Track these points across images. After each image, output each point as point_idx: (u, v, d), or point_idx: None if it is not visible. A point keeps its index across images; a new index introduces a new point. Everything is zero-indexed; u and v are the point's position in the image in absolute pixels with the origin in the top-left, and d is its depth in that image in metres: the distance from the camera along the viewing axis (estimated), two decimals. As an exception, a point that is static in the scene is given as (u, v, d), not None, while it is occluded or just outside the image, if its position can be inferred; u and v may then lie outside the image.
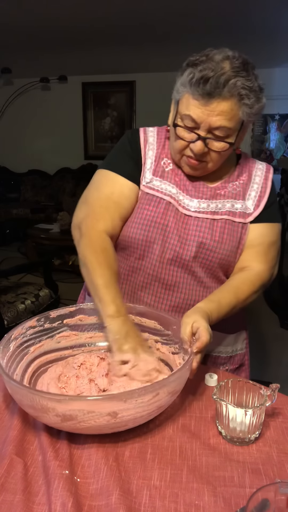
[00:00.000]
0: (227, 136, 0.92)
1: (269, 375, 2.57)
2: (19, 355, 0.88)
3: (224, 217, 1.00)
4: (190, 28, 3.92)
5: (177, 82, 0.93)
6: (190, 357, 0.78)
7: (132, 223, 1.01)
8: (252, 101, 0.88)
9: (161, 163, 1.03)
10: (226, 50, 0.89)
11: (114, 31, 3.96)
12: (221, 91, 0.85)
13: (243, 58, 0.89)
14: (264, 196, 1.04)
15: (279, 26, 3.79)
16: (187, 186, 1.02)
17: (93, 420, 0.68)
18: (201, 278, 1.02)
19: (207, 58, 0.88)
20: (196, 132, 0.91)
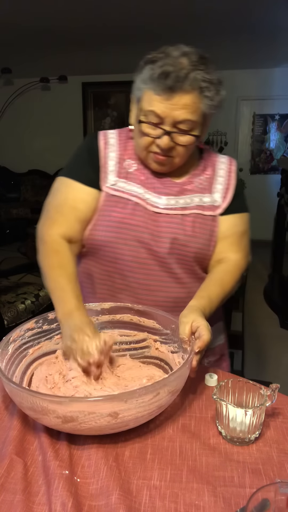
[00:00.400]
0: (192, 129, 0.93)
1: (269, 375, 2.58)
2: (18, 357, 0.88)
3: (194, 212, 1.02)
4: (190, 28, 3.91)
5: (136, 80, 0.94)
6: (190, 356, 0.78)
7: (100, 226, 1.01)
8: (213, 93, 0.91)
9: (124, 164, 1.04)
10: (182, 46, 0.91)
11: (114, 31, 3.96)
12: (182, 85, 0.87)
13: (199, 53, 0.91)
14: (230, 188, 1.07)
15: (279, 26, 3.79)
16: (154, 184, 1.02)
17: (94, 421, 0.68)
18: (178, 275, 1.03)
19: (165, 54, 0.89)
20: (161, 127, 0.92)
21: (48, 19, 3.66)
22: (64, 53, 4.75)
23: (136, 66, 0.94)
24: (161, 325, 0.97)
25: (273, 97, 5.55)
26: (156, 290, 1.04)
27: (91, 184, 1.02)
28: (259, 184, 5.86)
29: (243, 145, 5.85)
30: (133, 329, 1.00)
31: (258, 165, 5.85)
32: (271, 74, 5.44)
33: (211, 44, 4.46)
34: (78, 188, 1.01)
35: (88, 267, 1.08)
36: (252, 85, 5.50)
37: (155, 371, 0.91)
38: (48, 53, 4.74)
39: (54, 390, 0.83)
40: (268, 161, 5.80)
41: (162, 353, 0.95)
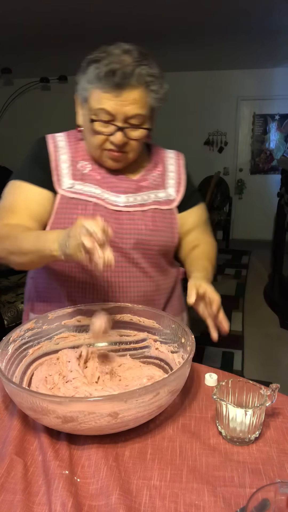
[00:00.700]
0: (143, 123, 0.96)
1: (269, 375, 2.58)
2: (17, 358, 0.88)
3: (152, 207, 1.06)
4: (190, 28, 3.92)
5: (80, 81, 0.96)
6: (189, 356, 0.78)
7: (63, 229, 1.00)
8: (158, 87, 0.94)
9: (78, 166, 1.04)
10: (122, 44, 0.93)
11: (114, 31, 3.96)
12: (129, 81, 0.89)
13: (139, 49, 0.93)
14: (182, 182, 1.12)
15: (279, 26, 3.79)
16: (110, 183, 1.04)
17: (94, 421, 0.68)
18: (145, 269, 1.06)
19: (107, 53, 0.91)
20: (114, 123, 0.94)
21: (48, 19, 3.66)
22: (64, 53, 4.75)
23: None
24: (161, 325, 0.97)
25: (273, 97, 5.55)
26: (126, 286, 1.06)
27: (42, 184, 1.01)
28: (259, 184, 5.87)
29: (243, 145, 5.85)
30: (133, 329, 1.00)
31: (258, 165, 5.85)
32: (271, 74, 5.44)
33: (211, 44, 4.47)
34: (29, 188, 1.01)
35: (55, 274, 1.06)
36: (252, 85, 5.51)
37: (155, 371, 0.91)
38: (48, 53, 4.74)
39: (54, 390, 0.83)
40: (268, 161, 5.80)
41: (162, 353, 0.95)
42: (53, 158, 1.03)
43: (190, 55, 4.82)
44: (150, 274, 1.08)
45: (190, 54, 4.79)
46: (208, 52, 4.71)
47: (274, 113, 5.63)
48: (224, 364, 2.71)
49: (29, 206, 1.00)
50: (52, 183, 1.02)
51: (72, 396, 0.80)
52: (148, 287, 1.08)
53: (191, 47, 4.49)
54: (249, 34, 4.07)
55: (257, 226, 5.88)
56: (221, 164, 5.86)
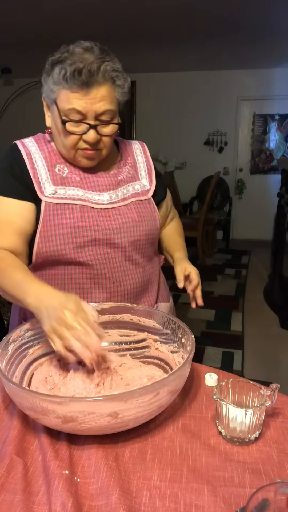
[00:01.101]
0: (113, 118, 0.97)
1: (269, 375, 2.58)
2: (17, 358, 0.88)
3: (133, 199, 1.09)
4: (190, 29, 3.92)
5: (46, 83, 0.96)
6: (189, 356, 0.78)
7: (53, 236, 0.99)
8: (122, 81, 0.96)
9: (56, 170, 1.03)
10: (82, 42, 0.94)
11: (114, 31, 3.96)
12: (96, 78, 0.90)
13: (99, 46, 0.94)
14: (152, 172, 1.17)
15: (279, 26, 3.79)
16: (91, 183, 1.04)
17: (94, 421, 0.68)
18: (137, 260, 1.10)
19: (69, 53, 0.91)
20: (85, 122, 0.94)
21: (48, 19, 3.66)
22: (64, 53, 4.75)
23: (136, 66, 0.95)
24: (161, 325, 0.97)
25: (273, 97, 5.55)
26: (122, 280, 1.07)
27: (21, 197, 1.00)
28: (259, 184, 5.87)
29: (243, 145, 5.85)
30: (133, 329, 1.00)
31: (258, 165, 5.86)
32: (271, 74, 5.44)
33: (211, 44, 4.48)
34: (10, 203, 0.99)
35: (52, 278, 1.06)
36: (252, 85, 5.51)
37: (155, 371, 0.91)
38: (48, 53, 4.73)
39: (54, 390, 0.83)
40: (268, 161, 5.80)
41: (162, 353, 0.95)
42: (29, 166, 1.01)
43: (190, 55, 4.82)
44: (141, 265, 1.11)
45: (190, 54, 4.79)
46: (208, 52, 4.71)
47: (274, 113, 5.63)
48: (224, 364, 2.71)
49: (11, 221, 0.99)
50: (34, 192, 1.00)
51: (72, 396, 0.80)
52: (141, 278, 1.11)
53: (191, 47, 4.49)
54: (249, 34, 4.07)
55: (257, 226, 5.88)
56: (221, 164, 5.86)
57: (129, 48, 4.51)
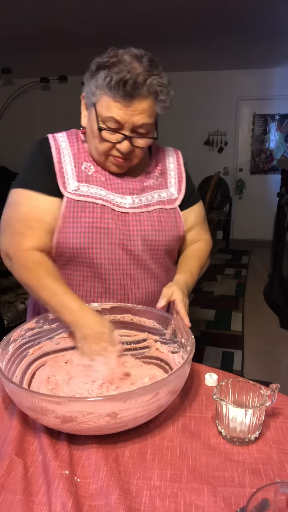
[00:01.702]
0: (149, 131, 0.96)
1: (269, 375, 2.58)
2: (18, 357, 0.88)
3: (157, 207, 1.07)
4: (190, 28, 3.91)
5: (89, 84, 0.94)
6: (189, 356, 0.78)
7: (71, 233, 0.99)
8: (165, 96, 0.94)
9: (82, 168, 1.03)
10: (132, 49, 0.92)
11: (114, 31, 3.96)
12: (140, 91, 0.89)
13: (149, 56, 0.93)
14: (182, 180, 1.14)
15: (279, 26, 3.79)
16: (115, 184, 1.04)
17: (93, 421, 0.68)
18: (152, 270, 1.07)
19: (117, 59, 0.90)
20: (121, 132, 0.93)
21: (48, 19, 3.66)
22: (64, 53, 4.75)
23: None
24: (161, 325, 0.97)
25: (273, 97, 5.55)
26: (133, 288, 1.06)
27: (51, 193, 1.00)
28: (259, 184, 5.87)
29: (243, 145, 5.85)
30: (134, 329, 1.00)
31: (258, 165, 5.85)
32: (271, 74, 5.44)
33: (211, 44, 4.47)
34: (41, 199, 0.99)
35: (65, 275, 1.05)
36: (252, 85, 5.50)
37: (156, 371, 0.91)
38: (48, 53, 4.74)
39: (56, 390, 0.83)
40: (268, 161, 5.80)
41: (162, 353, 0.95)
42: (56, 160, 1.01)
43: (190, 55, 4.82)
44: (156, 274, 1.08)
45: (190, 54, 4.78)
46: (208, 52, 4.70)
47: (274, 113, 5.63)
48: (224, 364, 2.71)
49: (44, 219, 0.99)
50: (58, 187, 1.00)
51: (72, 396, 0.80)
52: (153, 287, 1.08)
53: (191, 47, 4.49)
54: (249, 34, 4.06)
55: (257, 226, 5.88)
56: (221, 164, 5.86)
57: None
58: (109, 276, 1.03)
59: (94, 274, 1.03)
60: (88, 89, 0.94)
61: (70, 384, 0.85)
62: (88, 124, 0.99)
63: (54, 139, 1.05)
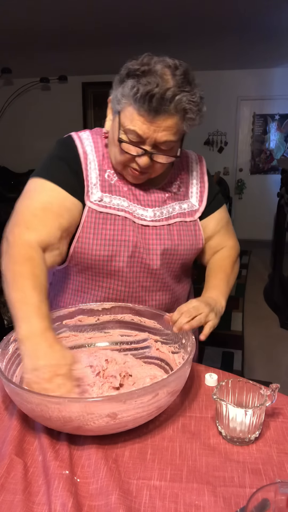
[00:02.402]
0: (172, 149, 0.92)
1: (269, 375, 2.58)
2: (18, 357, 0.87)
3: (177, 220, 1.04)
4: (190, 28, 3.91)
5: (115, 90, 0.90)
6: (189, 356, 0.78)
7: (92, 245, 0.96)
8: (195, 114, 0.88)
9: (105, 176, 0.99)
10: (167, 58, 0.87)
11: (114, 31, 3.96)
12: (167, 108, 0.84)
13: (184, 68, 0.87)
14: (205, 190, 1.10)
15: (279, 26, 3.79)
16: (138, 196, 1.01)
17: (92, 422, 0.68)
18: (167, 283, 1.05)
19: (149, 68, 0.84)
20: (142, 147, 0.89)
21: (48, 19, 3.66)
22: (64, 53, 4.75)
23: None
24: (162, 325, 0.97)
25: (273, 97, 5.55)
26: (146, 300, 1.05)
27: (75, 195, 0.96)
28: (259, 184, 5.87)
29: (243, 145, 5.85)
30: (134, 329, 1.01)
31: (258, 165, 5.85)
32: (271, 74, 5.44)
33: (211, 44, 4.47)
34: (64, 195, 0.94)
35: (79, 283, 1.05)
36: (252, 85, 5.50)
37: (156, 371, 0.91)
38: (48, 53, 4.74)
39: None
40: (268, 161, 5.80)
41: (163, 353, 0.96)
42: (84, 167, 0.98)
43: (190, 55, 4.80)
44: (170, 286, 1.06)
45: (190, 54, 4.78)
46: (208, 52, 4.70)
47: (274, 113, 5.63)
48: (224, 364, 2.71)
49: (62, 215, 0.93)
50: (83, 194, 0.97)
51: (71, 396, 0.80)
52: (166, 299, 1.07)
53: (191, 47, 4.49)
54: (249, 34, 4.06)
55: (257, 226, 5.88)
56: (221, 164, 5.86)
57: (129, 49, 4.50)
58: (124, 288, 1.02)
59: (109, 285, 1.02)
60: (115, 95, 0.90)
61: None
62: (111, 130, 0.96)
63: (80, 141, 1.00)
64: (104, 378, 0.86)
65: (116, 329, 1.01)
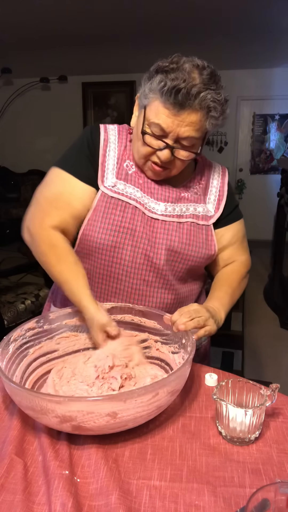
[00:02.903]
0: (193, 145, 0.94)
1: (269, 375, 2.58)
2: (18, 357, 0.88)
3: (189, 220, 1.04)
4: (190, 28, 3.91)
5: (144, 86, 0.93)
6: (189, 356, 0.78)
7: (99, 228, 0.99)
8: (219, 114, 0.92)
9: (124, 165, 1.03)
10: (195, 59, 0.91)
11: (114, 31, 3.96)
12: (192, 103, 0.87)
13: (211, 69, 0.91)
14: (223, 199, 1.09)
15: (279, 26, 3.79)
16: (152, 189, 1.02)
17: (92, 421, 0.68)
18: (170, 281, 1.04)
19: (177, 66, 0.88)
20: (164, 140, 0.92)
21: (48, 19, 3.66)
22: (64, 53, 4.75)
23: (136, 66, 0.94)
24: (162, 325, 0.97)
25: (273, 97, 5.55)
26: (148, 295, 1.04)
27: (88, 182, 1.00)
28: (259, 184, 5.86)
29: (243, 145, 5.84)
30: (134, 330, 1.00)
31: (258, 165, 5.85)
32: (271, 74, 5.43)
33: (211, 44, 4.47)
34: (75, 184, 1.00)
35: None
36: (252, 85, 5.50)
37: (157, 371, 0.91)
38: (48, 53, 4.74)
39: (57, 387, 0.83)
40: (268, 161, 5.80)
41: (163, 353, 0.95)
42: (102, 152, 1.01)
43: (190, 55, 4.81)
44: (174, 286, 1.05)
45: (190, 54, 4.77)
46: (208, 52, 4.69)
47: (274, 113, 5.63)
48: (224, 364, 2.71)
49: (72, 203, 1.00)
50: (97, 178, 1.01)
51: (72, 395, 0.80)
52: (169, 299, 1.06)
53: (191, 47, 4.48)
54: (249, 34, 4.07)
55: (257, 226, 5.85)
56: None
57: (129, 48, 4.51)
58: (126, 278, 1.02)
59: (112, 274, 1.03)
60: (143, 90, 0.93)
61: (70, 384, 0.85)
62: (136, 125, 0.98)
63: (105, 130, 1.04)
64: (104, 379, 0.86)
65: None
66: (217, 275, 1.13)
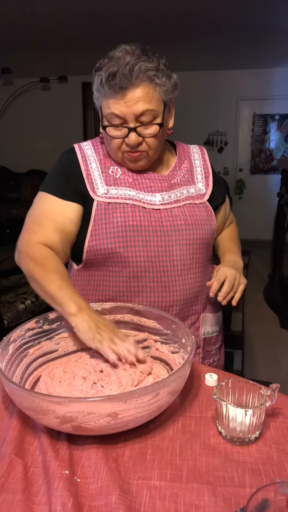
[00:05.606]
0: (154, 118, 0.95)
1: (269, 375, 2.58)
2: (18, 357, 0.88)
3: (187, 202, 1.08)
4: (190, 28, 3.91)
5: (94, 92, 0.97)
6: (189, 356, 0.78)
7: (104, 234, 1.01)
8: (163, 80, 0.94)
9: (109, 172, 1.05)
10: (123, 45, 0.93)
11: (114, 31, 3.96)
12: (131, 80, 0.90)
13: (141, 47, 0.93)
14: (209, 175, 1.15)
15: (279, 26, 3.79)
16: (143, 184, 1.05)
17: (93, 421, 0.68)
18: (189, 264, 1.07)
19: (109, 58, 0.92)
20: (125, 126, 0.94)
21: (48, 19, 3.66)
22: (64, 53, 4.75)
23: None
24: (161, 325, 0.97)
25: (273, 97, 5.55)
26: (171, 285, 1.05)
27: (66, 197, 1.03)
28: (259, 184, 5.87)
29: (243, 145, 5.85)
30: (134, 329, 1.00)
31: (258, 165, 5.85)
32: (271, 74, 5.44)
33: (211, 44, 4.47)
34: (55, 201, 1.03)
35: (100, 279, 1.08)
36: (252, 85, 5.50)
37: (160, 370, 0.91)
38: (48, 53, 4.74)
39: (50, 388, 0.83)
40: (268, 161, 5.80)
41: (163, 353, 0.95)
42: (83, 168, 1.05)
43: (190, 55, 4.81)
44: (194, 269, 1.08)
45: (191, 54, 4.79)
46: (208, 52, 4.70)
47: (274, 113, 5.63)
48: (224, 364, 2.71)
49: (54, 217, 1.02)
50: (86, 192, 1.03)
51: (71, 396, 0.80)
52: (193, 282, 1.08)
53: (191, 47, 4.49)
54: (249, 34, 4.06)
55: (257, 226, 5.87)
56: (221, 164, 5.86)
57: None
58: (146, 274, 1.03)
59: (130, 274, 1.03)
60: (94, 96, 0.98)
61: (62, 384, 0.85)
62: (101, 129, 1.01)
63: (79, 148, 1.08)
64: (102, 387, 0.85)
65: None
66: (220, 236, 1.25)
